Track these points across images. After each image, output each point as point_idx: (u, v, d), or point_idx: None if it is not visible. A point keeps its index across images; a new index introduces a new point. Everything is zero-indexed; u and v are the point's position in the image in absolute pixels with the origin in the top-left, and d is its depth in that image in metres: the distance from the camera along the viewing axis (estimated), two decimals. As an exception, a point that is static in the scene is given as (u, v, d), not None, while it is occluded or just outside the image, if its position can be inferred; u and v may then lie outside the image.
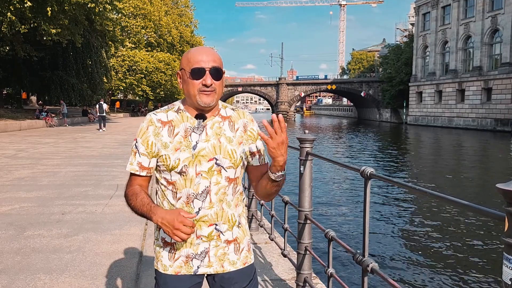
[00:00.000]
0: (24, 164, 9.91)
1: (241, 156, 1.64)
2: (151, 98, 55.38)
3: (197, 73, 1.55)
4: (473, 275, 6.75)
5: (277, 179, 1.57)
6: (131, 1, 45.93)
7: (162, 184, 1.65)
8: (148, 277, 3.47)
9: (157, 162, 1.64)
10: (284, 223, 3.59)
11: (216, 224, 1.62)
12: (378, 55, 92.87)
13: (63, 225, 4.95)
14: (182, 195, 1.59)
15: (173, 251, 1.65)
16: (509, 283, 1.14)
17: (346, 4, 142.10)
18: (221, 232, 1.63)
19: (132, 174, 1.68)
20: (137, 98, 58.97)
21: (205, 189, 1.58)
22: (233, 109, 1.71)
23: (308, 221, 2.94)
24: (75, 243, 4.30)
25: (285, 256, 3.58)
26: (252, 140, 1.68)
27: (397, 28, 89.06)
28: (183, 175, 1.58)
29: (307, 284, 2.91)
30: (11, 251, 4.04)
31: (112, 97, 56.59)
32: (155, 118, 1.63)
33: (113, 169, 9.25)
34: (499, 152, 26.73)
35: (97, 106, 23.81)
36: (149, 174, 1.67)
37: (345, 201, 11.84)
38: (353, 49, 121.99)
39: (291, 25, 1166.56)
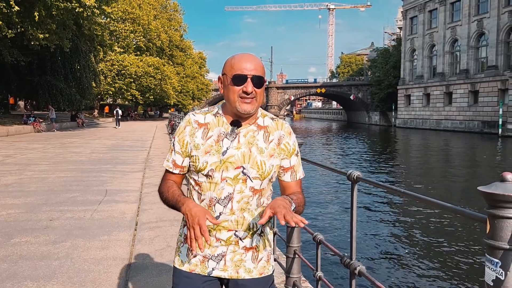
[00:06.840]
0: (12, 170, 9.80)
1: (270, 169, 1.62)
2: (140, 102, 55.08)
3: (239, 79, 1.56)
4: (457, 276, 6.83)
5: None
6: (119, 6, 45.67)
7: (190, 183, 1.69)
8: (137, 283, 3.45)
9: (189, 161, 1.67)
10: (273, 227, 3.60)
11: (236, 231, 1.63)
12: (366, 59, 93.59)
13: (50, 231, 4.90)
14: (206, 198, 1.62)
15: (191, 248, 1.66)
16: (491, 284, 1.16)
17: (334, 8, 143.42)
18: (240, 238, 1.64)
19: (166, 171, 1.72)
20: (127, 102, 58.60)
21: (228, 196, 1.59)
22: (272, 119, 1.69)
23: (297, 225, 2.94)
24: (63, 250, 4.26)
25: (274, 259, 3.58)
26: (285, 155, 1.67)
27: (385, 32, 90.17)
28: (209, 178, 1.60)
29: (296, 288, 2.91)
30: (-3, 259, 3.99)
31: (101, 102, 56.20)
32: (193, 119, 1.66)
33: (102, 174, 9.18)
34: (486, 154, 27.05)
35: (115, 112, 35.13)
36: (182, 172, 1.69)
37: (333, 204, 11.87)
38: (342, 52, 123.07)
39: (280, 29, 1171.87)
